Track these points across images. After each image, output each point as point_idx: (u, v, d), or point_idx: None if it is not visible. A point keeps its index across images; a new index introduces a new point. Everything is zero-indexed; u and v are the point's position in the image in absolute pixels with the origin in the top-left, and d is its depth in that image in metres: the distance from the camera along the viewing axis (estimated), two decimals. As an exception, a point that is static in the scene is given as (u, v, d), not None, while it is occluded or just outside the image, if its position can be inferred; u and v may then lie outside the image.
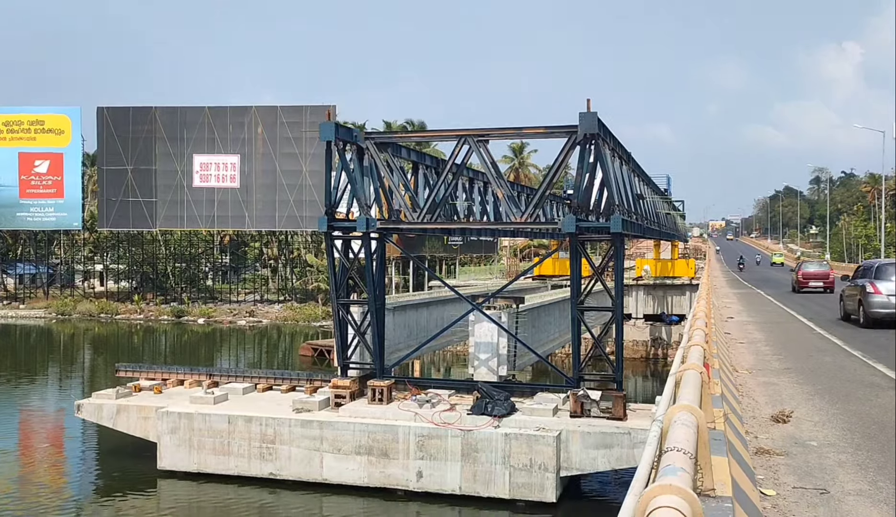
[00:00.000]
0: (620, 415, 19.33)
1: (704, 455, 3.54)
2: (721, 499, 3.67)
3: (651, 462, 3.06)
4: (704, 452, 3.53)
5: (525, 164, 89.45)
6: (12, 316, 70.84)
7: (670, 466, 2.69)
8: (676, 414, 3.42)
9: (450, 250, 62.85)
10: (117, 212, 63.06)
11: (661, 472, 2.63)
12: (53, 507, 19.77)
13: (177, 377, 25.48)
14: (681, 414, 3.41)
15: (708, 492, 3.60)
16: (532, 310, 26.19)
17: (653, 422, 4.03)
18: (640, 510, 2.25)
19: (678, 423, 3.27)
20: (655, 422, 3.93)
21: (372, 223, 21.15)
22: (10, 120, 70.10)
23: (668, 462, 2.74)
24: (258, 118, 60.96)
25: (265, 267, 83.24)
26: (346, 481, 19.98)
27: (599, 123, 19.60)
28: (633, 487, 2.66)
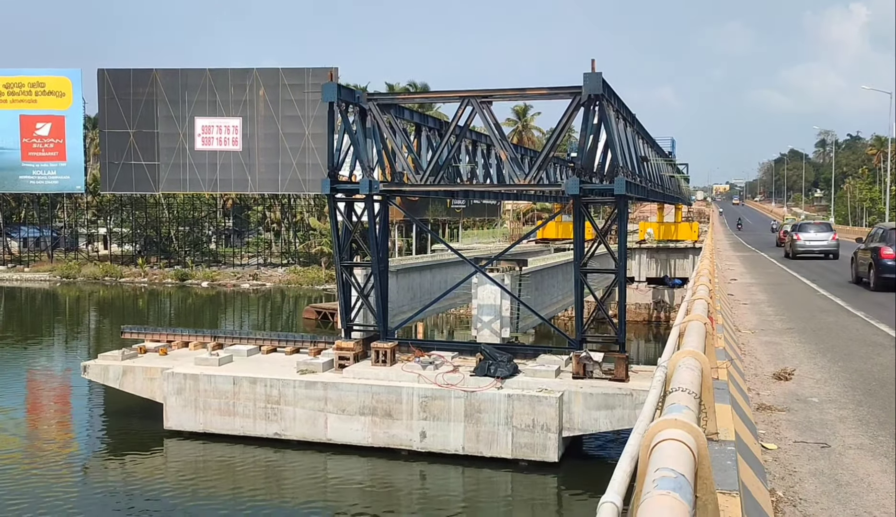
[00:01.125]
0: (623, 377, 19.46)
1: (708, 399, 3.57)
2: (724, 443, 3.72)
3: (655, 403, 3.09)
4: (708, 397, 3.56)
5: (528, 126, 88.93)
6: (17, 279, 71.11)
7: (675, 405, 2.72)
8: (681, 359, 3.44)
9: (452, 214, 62.87)
10: (120, 175, 63.00)
11: (667, 410, 2.65)
12: (61, 466, 20.03)
13: (182, 339, 25.65)
14: (685, 359, 3.43)
15: (711, 436, 3.64)
16: (535, 273, 26.23)
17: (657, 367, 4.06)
18: (644, 444, 2.27)
19: (683, 367, 3.29)
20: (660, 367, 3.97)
21: (375, 185, 21.10)
22: (10, 82, 69.67)
23: (672, 401, 2.77)
24: (260, 80, 60.56)
25: (268, 230, 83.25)
26: (351, 441, 20.19)
27: (604, 84, 19.44)
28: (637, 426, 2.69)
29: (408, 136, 23.61)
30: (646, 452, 2.24)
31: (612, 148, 20.44)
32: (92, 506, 17.25)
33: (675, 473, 1.98)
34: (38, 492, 17.70)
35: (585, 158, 20.46)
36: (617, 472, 2.20)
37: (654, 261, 47.42)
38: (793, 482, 4.90)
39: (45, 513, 16.39)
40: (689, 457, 2.15)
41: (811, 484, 4.96)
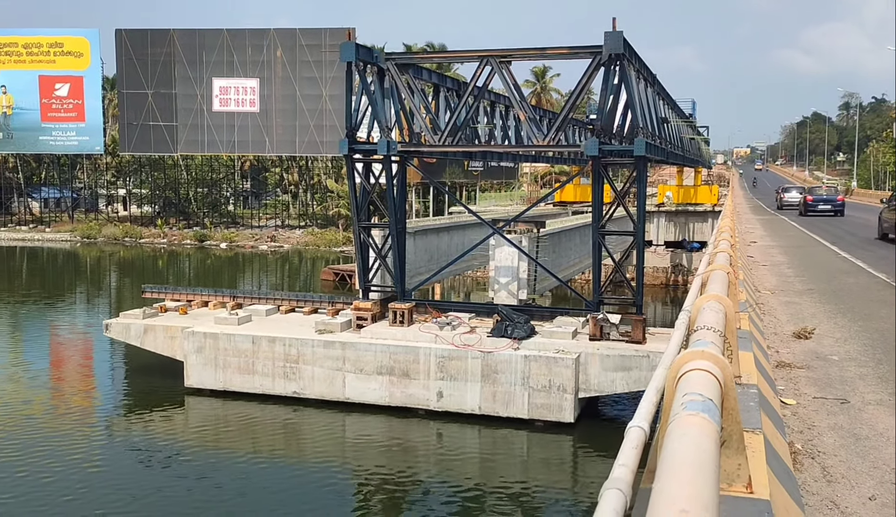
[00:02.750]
0: (639, 339, 19.48)
1: (732, 342, 3.56)
2: (747, 386, 3.72)
3: (680, 343, 3.09)
4: (732, 340, 3.55)
5: (547, 88, 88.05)
6: (38, 239, 71.88)
7: (701, 340, 2.72)
8: (705, 302, 3.44)
9: (470, 176, 62.60)
10: (138, 136, 63.16)
11: (692, 345, 2.65)
12: (84, 423, 20.41)
13: (201, 298, 25.89)
14: (710, 302, 3.42)
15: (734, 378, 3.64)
16: (553, 235, 26.16)
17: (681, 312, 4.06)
18: (671, 375, 2.27)
19: (707, 310, 3.29)
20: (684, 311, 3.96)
21: (393, 146, 21.04)
22: (29, 42, 69.73)
23: (698, 337, 2.77)
24: (277, 41, 60.21)
25: (286, 193, 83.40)
26: (368, 400, 20.41)
27: (625, 43, 19.18)
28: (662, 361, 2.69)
29: (426, 96, 23.46)
30: (672, 383, 2.24)
31: (632, 108, 20.23)
32: (115, 462, 17.60)
33: (703, 397, 1.99)
34: (62, 448, 18.07)
35: (605, 119, 20.26)
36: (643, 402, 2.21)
37: (673, 224, 47.14)
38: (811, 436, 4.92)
39: (70, 468, 16.74)
40: (716, 387, 2.15)
41: (830, 437, 4.97)
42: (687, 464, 1.54)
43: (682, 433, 1.74)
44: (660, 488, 1.44)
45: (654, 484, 1.49)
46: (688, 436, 1.72)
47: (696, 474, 1.49)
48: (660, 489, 1.43)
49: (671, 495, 1.39)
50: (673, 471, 1.52)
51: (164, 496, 15.57)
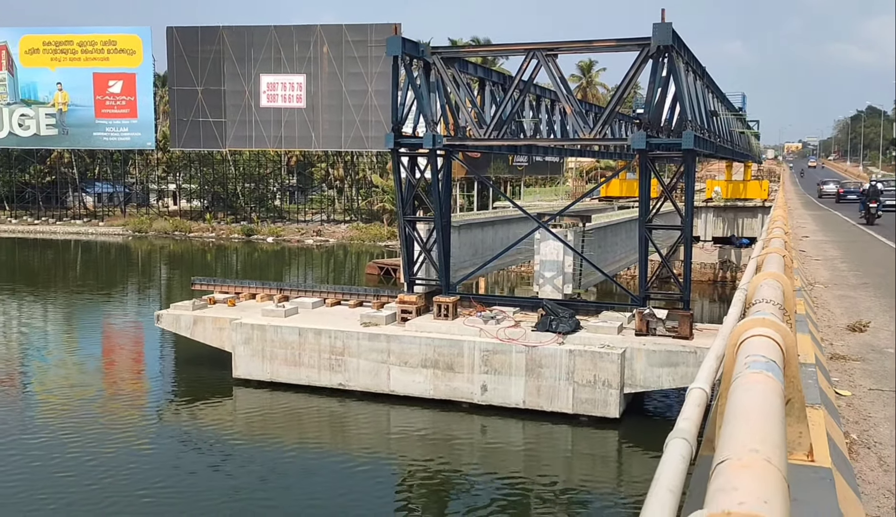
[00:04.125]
0: (686, 334, 19.24)
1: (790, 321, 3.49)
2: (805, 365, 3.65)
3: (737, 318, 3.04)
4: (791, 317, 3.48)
5: (593, 82, 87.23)
6: (92, 233, 73.67)
7: (760, 311, 2.67)
8: (763, 280, 3.37)
9: (514, 171, 62.38)
10: (188, 132, 64.28)
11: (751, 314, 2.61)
12: (135, 410, 20.89)
13: (249, 291, 26.28)
14: (768, 279, 3.35)
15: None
16: (599, 230, 25.97)
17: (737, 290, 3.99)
18: (731, 342, 2.24)
19: (765, 286, 3.22)
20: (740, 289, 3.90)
21: (438, 140, 21.08)
22: (84, 40, 71.44)
23: (757, 309, 2.72)
24: (323, 37, 60.71)
25: (331, 188, 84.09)
26: (412, 393, 20.51)
27: (674, 35, 18.92)
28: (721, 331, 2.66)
29: (471, 90, 23.45)
30: (732, 350, 2.21)
31: (680, 101, 19.96)
32: (164, 448, 17.98)
33: (766, 359, 1.96)
34: (113, 433, 18.52)
35: (652, 112, 20.03)
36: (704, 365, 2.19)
37: (721, 219, 46.37)
38: (867, 426, 4.81)
39: (121, 453, 17.15)
40: (778, 352, 2.12)
41: (886, 429, 4.86)
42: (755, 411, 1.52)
43: (748, 388, 1.72)
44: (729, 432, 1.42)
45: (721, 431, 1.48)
46: (753, 389, 1.69)
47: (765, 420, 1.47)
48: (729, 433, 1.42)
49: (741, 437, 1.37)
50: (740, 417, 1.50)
51: (210, 484, 15.87)
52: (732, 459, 1.27)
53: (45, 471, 16.18)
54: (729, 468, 1.24)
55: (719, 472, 1.22)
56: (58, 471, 16.27)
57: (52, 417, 19.95)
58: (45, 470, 16.23)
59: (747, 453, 1.28)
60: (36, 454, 17.08)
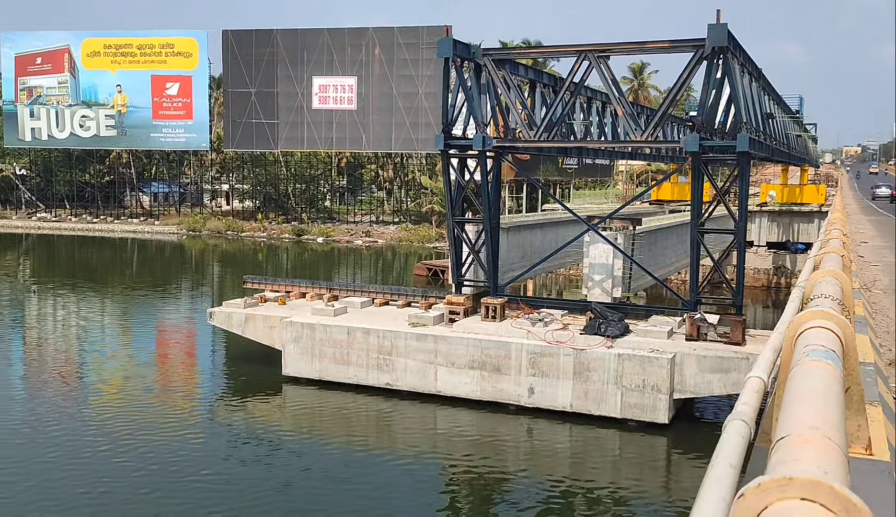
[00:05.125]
0: (739, 341, 18.91)
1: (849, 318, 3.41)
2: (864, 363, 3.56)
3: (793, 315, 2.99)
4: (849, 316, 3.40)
5: (645, 85, 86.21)
6: (148, 231, 75.43)
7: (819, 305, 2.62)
8: (821, 277, 3.30)
9: (564, 174, 62.06)
10: (242, 133, 65.45)
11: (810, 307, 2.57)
12: (187, 405, 21.33)
13: (299, 290, 26.62)
14: (826, 277, 3.28)
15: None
16: (649, 233, 25.67)
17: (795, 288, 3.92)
18: (789, 335, 2.21)
19: (824, 283, 3.16)
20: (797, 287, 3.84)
21: (488, 141, 21.10)
22: (143, 43, 73.25)
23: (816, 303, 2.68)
24: (375, 40, 61.24)
25: (381, 189, 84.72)
26: (459, 394, 20.55)
27: (729, 36, 18.64)
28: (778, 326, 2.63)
29: (522, 92, 23.41)
30: (790, 343, 2.18)
31: (735, 103, 19.64)
32: (216, 442, 18.32)
33: (826, 348, 1.93)
34: (167, 426, 18.95)
35: (706, 114, 19.75)
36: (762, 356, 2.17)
37: (776, 224, 45.42)
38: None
39: (175, 446, 17.53)
40: (838, 343, 2.08)
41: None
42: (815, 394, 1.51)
43: (807, 373, 1.70)
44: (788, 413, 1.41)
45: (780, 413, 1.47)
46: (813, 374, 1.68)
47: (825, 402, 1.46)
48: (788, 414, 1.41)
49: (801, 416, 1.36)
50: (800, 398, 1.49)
51: (258, 476, 16.12)
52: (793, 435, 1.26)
53: (100, 456, 16.65)
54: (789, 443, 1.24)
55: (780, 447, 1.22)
56: (112, 456, 16.74)
57: (107, 407, 20.56)
58: (100, 455, 16.70)
59: (808, 430, 1.27)
60: (92, 441, 17.60)
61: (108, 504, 14.75)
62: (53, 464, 16.51)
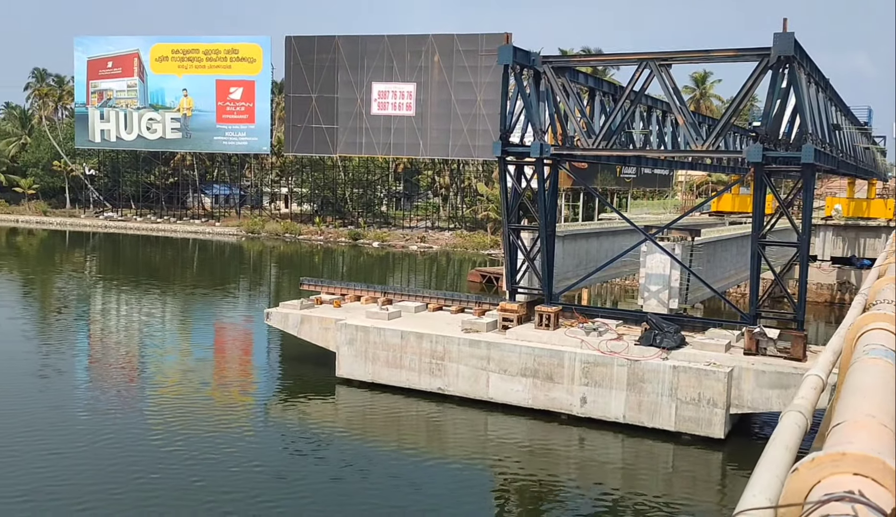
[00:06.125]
0: (799, 356, 18.45)
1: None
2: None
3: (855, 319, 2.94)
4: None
5: (707, 94, 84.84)
6: (209, 232, 77.15)
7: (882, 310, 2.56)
8: (884, 284, 3.22)
9: (622, 183, 61.39)
10: (301, 137, 66.54)
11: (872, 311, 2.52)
12: (243, 401, 21.75)
13: (354, 293, 26.90)
14: (889, 284, 3.20)
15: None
16: (708, 245, 25.24)
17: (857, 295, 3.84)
18: (849, 337, 2.18)
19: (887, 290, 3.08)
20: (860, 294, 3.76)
21: (546, 149, 21.05)
22: (209, 49, 75.11)
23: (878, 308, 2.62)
24: (435, 47, 61.64)
25: (436, 195, 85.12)
26: (511, 401, 20.49)
27: (796, 45, 18.26)
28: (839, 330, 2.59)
29: (581, 100, 23.30)
30: (850, 344, 2.15)
31: (800, 113, 19.22)
32: (270, 438, 18.64)
33: (886, 348, 1.91)
34: (223, 421, 19.34)
35: (770, 124, 19.38)
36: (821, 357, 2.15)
37: (841, 239, 44.18)
38: None
39: (231, 442, 17.88)
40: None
41: None
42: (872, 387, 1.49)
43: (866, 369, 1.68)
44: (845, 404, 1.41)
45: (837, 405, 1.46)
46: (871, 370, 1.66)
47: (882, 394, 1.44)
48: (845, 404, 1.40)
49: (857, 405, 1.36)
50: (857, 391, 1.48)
51: (309, 471, 16.33)
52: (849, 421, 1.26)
53: (155, 445, 17.10)
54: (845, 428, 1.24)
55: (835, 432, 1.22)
56: (166, 445, 17.20)
57: (164, 398, 21.19)
58: (155, 444, 17.16)
59: (863, 416, 1.27)
60: (148, 430, 18.12)
61: (162, 490, 15.18)
62: (112, 450, 17.05)
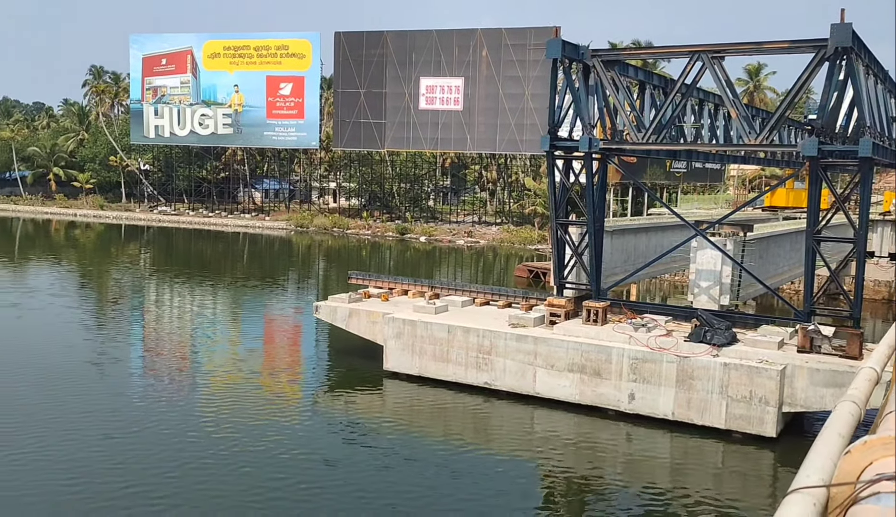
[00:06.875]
0: (855, 355, 18.01)
1: None
2: None
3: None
4: None
5: (761, 87, 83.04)
6: (259, 226, 78.31)
7: None
8: None
9: (672, 178, 60.55)
10: (350, 132, 67.04)
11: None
12: (292, 391, 22.07)
13: (402, 287, 27.07)
14: None
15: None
16: (761, 240, 24.77)
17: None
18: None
19: None
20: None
21: (595, 143, 20.88)
22: (259, 45, 76.11)
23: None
24: (483, 41, 61.50)
25: (483, 190, 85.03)
26: (557, 397, 20.43)
27: (854, 36, 17.79)
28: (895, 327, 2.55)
29: (631, 93, 23.04)
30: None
31: (858, 106, 18.74)
32: (317, 429, 18.88)
33: None
34: (272, 411, 19.67)
35: (826, 118, 18.92)
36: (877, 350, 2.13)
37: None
38: None
39: (280, 430, 18.17)
40: None
41: None
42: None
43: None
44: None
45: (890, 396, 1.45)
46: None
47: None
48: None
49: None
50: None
51: (355, 464, 16.49)
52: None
53: (205, 432, 17.49)
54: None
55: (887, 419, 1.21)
56: (216, 432, 17.59)
57: (215, 387, 21.70)
58: (205, 431, 17.54)
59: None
60: (199, 416, 18.55)
61: (211, 474, 15.58)
62: (163, 435, 17.51)
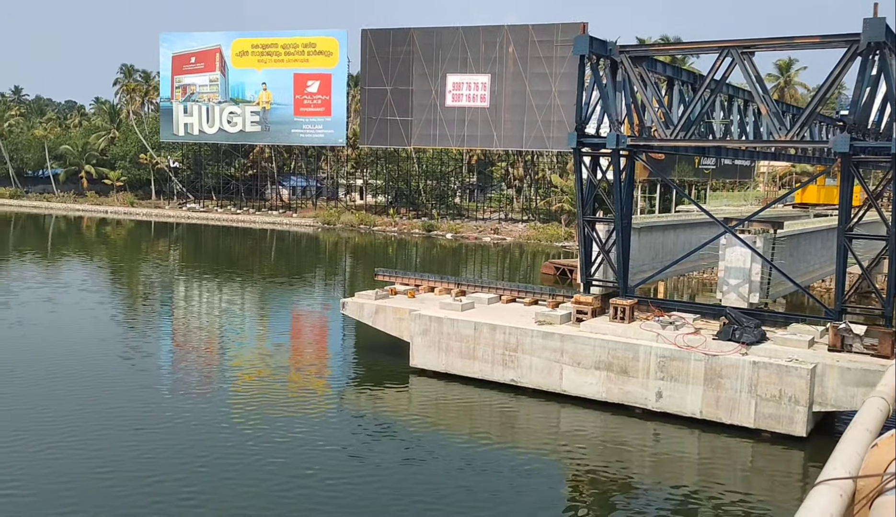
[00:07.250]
0: (887, 354, 17.75)
1: None
2: None
3: None
4: None
5: (791, 82, 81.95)
6: (286, 223, 78.85)
7: None
8: None
9: (700, 175, 60.07)
10: (377, 130, 67.28)
11: None
12: (319, 392, 22.20)
13: (428, 284, 27.13)
14: None
15: None
16: (791, 237, 24.47)
17: None
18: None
19: None
20: None
21: (622, 140, 20.76)
22: (287, 43, 76.63)
23: None
24: (509, 37, 61.40)
25: (510, 187, 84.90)
26: (584, 394, 20.36)
27: (887, 31, 17.51)
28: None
29: (659, 89, 22.86)
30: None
31: (891, 102, 18.44)
32: (345, 428, 18.99)
33: None
34: (298, 407, 19.82)
35: (859, 113, 18.65)
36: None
37: (934, 233, 42.13)
38: None
39: (306, 425, 18.31)
40: None
41: None
42: None
43: None
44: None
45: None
46: None
47: None
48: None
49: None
50: None
51: (381, 460, 16.57)
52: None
53: (233, 425, 17.68)
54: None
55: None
56: (243, 427, 17.77)
57: (242, 382, 21.90)
58: (233, 424, 17.74)
59: None
60: (227, 411, 18.74)
61: (238, 466, 15.72)
62: (191, 427, 17.74)
